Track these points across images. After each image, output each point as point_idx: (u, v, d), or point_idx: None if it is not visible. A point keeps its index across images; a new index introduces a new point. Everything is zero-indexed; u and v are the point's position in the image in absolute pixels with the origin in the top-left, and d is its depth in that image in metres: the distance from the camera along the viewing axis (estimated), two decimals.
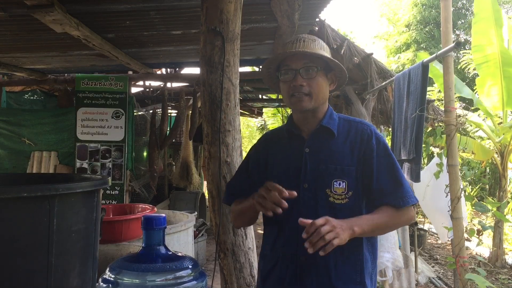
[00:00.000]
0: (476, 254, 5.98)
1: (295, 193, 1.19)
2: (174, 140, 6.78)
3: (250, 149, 1.57)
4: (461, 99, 7.34)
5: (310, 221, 1.15)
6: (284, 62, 1.37)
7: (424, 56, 4.52)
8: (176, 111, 6.09)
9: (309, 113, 1.38)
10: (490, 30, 5.02)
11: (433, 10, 12.52)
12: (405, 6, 13.67)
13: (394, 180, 1.33)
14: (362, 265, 1.33)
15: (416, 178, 2.91)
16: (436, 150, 5.39)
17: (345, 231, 1.17)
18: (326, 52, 1.38)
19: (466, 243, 2.69)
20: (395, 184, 1.33)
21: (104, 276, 0.85)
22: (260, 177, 1.43)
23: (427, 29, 12.69)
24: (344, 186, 1.31)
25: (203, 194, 6.73)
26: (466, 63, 7.55)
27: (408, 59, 12.16)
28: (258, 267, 1.51)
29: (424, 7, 12.83)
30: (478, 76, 5.69)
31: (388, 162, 1.35)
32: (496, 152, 5.95)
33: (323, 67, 1.36)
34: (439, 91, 6.78)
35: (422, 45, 12.36)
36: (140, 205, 2.75)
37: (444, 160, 2.80)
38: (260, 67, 5.55)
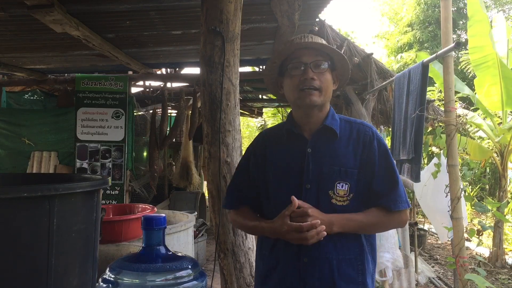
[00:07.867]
0: (476, 254, 5.97)
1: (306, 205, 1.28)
2: (174, 140, 6.78)
3: (248, 147, 1.53)
4: (461, 98, 7.34)
5: (306, 206, 1.27)
6: (292, 56, 1.35)
7: (424, 56, 4.51)
8: (176, 111, 6.09)
9: (314, 109, 1.36)
10: (486, 31, 5.01)
11: (436, 9, 12.51)
12: (408, 5, 13.66)
13: (390, 183, 1.34)
14: (364, 266, 1.34)
15: (416, 178, 2.91)
16: (436, 150, 5.38)
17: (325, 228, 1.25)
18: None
19: (466, 243, 2.68)
20: (390, 187, 1.34)
21: (104, 276, 0.85)
22: (259, 174, 1.42)
23: (430, 28, 12.67)
24: (347, 188, 1.31)
25: (203, 194, 6.72)
26: (466, 63, 7.54)
27: (411, 59, 12.13)
28: (256, 267, 1.50)
29: (427, 6, 12.81)
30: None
31: (387, 166, 1.36)
32: (496, 152, 5.95)
33: (329, 65, 1.37)
34: (440, 91, 6.78)
35: (425, 45, 12.33)
36: (140, 205, 2.75)
37: (444, 160, 2.80)
38: (261, 67, 5.56)
